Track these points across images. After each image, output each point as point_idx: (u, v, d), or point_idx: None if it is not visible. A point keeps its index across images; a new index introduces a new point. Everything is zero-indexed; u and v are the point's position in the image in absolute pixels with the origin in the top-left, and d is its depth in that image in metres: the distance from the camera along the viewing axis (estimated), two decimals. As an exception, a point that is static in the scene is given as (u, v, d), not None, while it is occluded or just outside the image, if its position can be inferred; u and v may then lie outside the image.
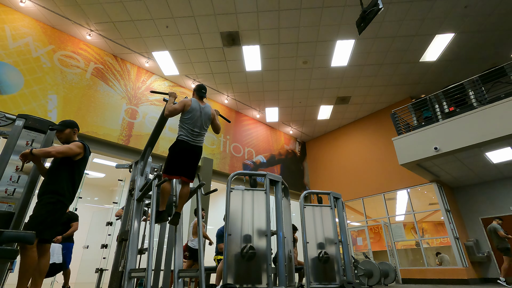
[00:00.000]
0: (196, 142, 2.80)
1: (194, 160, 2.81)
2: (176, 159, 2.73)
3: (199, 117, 2.83)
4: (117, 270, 3.04)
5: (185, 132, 2.76)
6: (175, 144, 2.77)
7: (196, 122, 2.81)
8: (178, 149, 2.73)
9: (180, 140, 2.75)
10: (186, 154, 2.75)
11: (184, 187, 2.84)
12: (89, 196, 10.22)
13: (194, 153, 2.80)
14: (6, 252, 1.89)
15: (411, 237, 9.12)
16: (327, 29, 6.77)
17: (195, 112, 2.81)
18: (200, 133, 2.83)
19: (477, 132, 5.74)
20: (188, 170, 2.78)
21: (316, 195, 5.21)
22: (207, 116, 2.91)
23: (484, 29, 6.84)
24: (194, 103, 2.86)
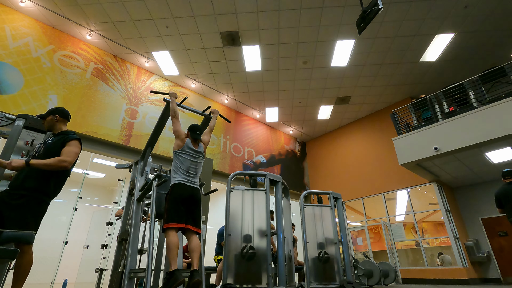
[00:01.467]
0: (193, 184, 2.66)
1: (195, 206, 2.62)
2: (177, 205, 2.48)
3: (194, 158, 2.75)
4: (117, 270, 3.04)
5: (181, 174, 2.62)
6: (172, 190, 2.55)
7: (192, 163, 2.72)
8: (177, 193, 2.52)
9: (177, 183, 2.57)
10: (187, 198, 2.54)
11: (193, 239, 2.47)
12: (89, 196, 10.21)
13: (194, 197, 2.61)
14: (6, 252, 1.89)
15: (411, 237, 9.12)
16: (327, 29, 6.77)
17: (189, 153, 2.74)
18: (195, 175, 2.73)
19: (477, 132, 5.74)
20: (192, 217, 2.55)
21: (316, 195, 5.21)
22: (201, 156, 2.82)
23: (484, 29, 6.84)
24: (188, 144, 2.75)
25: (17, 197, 2.06)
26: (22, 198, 2.06)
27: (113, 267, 3.11)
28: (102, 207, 10.22)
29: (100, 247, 6.30)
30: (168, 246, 2.32)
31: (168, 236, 2.35)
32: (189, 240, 2.49)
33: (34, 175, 2.13)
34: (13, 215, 2.02)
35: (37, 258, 7.25)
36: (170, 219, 2.40)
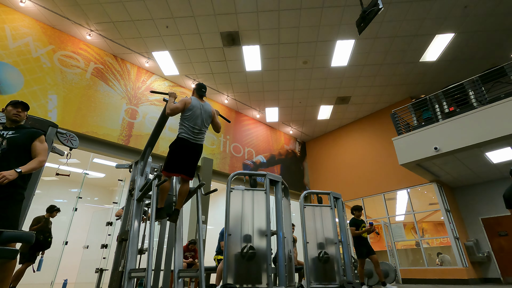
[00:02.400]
0: (196, 140, 2.80)
1: (194, 158, 2.81)
2: (176, 157, 2.72)
3: (199, 114, 2.83)
4: (117, 270, 3.04)
5: (186, 129, 2.76)
6: (176, 142, 2.76)
7: (197, 119, 2.81)
8: (179, 146, 2.73)
9: (181, 137, 2.74)
10: (187, 152, 2.74)
11: (183, 185, 2.83)
12: (89, 196, 10.22)
13: (195, 151, 2.80)
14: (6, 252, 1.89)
15: (411, 237, 9.12)
16: (327, 29, 6.77)
17: (195, 109, 2.82)
18: (200, 131, 2.83)
19: (477, 132, 5.73)
20: (188, 167, 2.77)
21: (316, 195, 5.22)
22: (207, 113, 2.91)
23: (484, 29, 6.84)
24: (194, 101, 2.87)
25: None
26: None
27: (113, 267, 3.11)
28: (102, 207, 10.23)
29: (100, 247, 6.31)
30: (160, 189, 2.73)
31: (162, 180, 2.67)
32: (181, 184, 2.85)
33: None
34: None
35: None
36: (167, 168, 2.72)
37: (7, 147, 2.16)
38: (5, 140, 2.20)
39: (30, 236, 2.03)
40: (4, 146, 2.16)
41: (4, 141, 2.19)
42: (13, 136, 2.23)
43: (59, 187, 9.32)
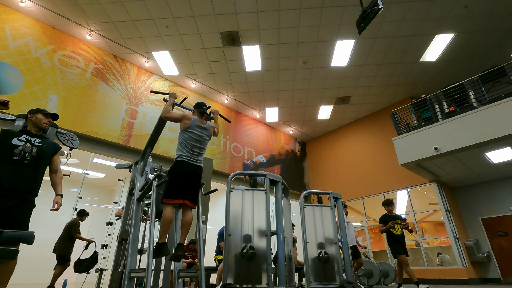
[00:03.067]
0: (197, 162, 2.67)
1: (196, 182, 2.66)
2: (177, 181, 2.53)
3: (199, 136, 2.73)
4: (117, 270, 3.04)
5: (185, 151, 2.63)
6: (175, 165, 2.59)
7: (196, 142, 2.70)
8: (179, 170, 2.56)
9: (180, 160, 2.59)
10: (188, 175, 2.58)
11: (187, 214, 2.60)
12: (89, 196, 10.22)
13: (196, 174, 2.65)
14: (6, 252, 1.89)
15: (411, 237, 9.11)
16: (327, 29, 6.77)
17: (195, 131, 2.72)
18: (200, 153, 2.73)
19: (477, 132, 5.73)
20: (191, 193, 2.60)
21: (316, 195, 5.21)
22: (207, 135, 2.82)
23: (484, 29, 6.84)
24: (195, 121, 2.75)
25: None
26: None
27: (113, 267, 3.11)
28: (102, 207, 10.22)
29: (100, 247, 6.31)
30: (162, 221, 2.44)
31: (164, 211, 2.46)
32: (183, 214, 2.61)
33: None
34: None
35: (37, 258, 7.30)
36: (169, 195, 2.49)
37: (36, 155, 2.20)
38: (35, 148, 2.23)
39: (30, 236, 2.03)
40: (33, 154, 2.19)
41: (34, 149, 2.21)
42: (42, 146, 2.28)
43: (59, 187, 9.31)
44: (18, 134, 2.25)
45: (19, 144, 2.17)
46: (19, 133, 2.28)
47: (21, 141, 2.20)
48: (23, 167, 2.13)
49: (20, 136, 2.23)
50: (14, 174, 2.08)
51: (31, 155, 2.18)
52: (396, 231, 4.80)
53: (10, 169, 2.07)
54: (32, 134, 2.31)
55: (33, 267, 7.63)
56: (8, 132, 2.24)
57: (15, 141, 2.17)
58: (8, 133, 2.22)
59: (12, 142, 2.16)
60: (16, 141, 2.18)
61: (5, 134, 2.20)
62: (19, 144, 2.17)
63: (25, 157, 2.15)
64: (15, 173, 2.08)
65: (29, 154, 2.18)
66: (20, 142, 2.18)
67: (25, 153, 2.16)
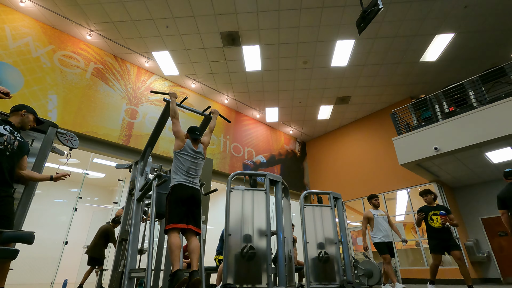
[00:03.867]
0: (194, 185, 2.65)
1: (196, 206, 2.62)
2: (178, 205, 2.47)
3: (194, 159, 2.73)
4: (117, 270, 3.04)
5: (181, 175, 2.61)
6: (173, 191, 2.54)
7: (192, 164, 2.70)
8: (178, 194, 2.52)
9: (178, 184, 2.56)
10: (188, 199, 2.54)
11: (193, 240, 2.48)
12: (89, 196, 10.22)
13: (195, 198, 2.60)
14: (6, 252, 1.89)
15: (411, 237, 9.11)
16: (327, 29, 6.77)
17: (189, 154, 2.72)
18: (196, 176, 2.72)
19: (477, 132, 5.73)
20: (193, 217, 2.54)
21: (316, 195, 5.21)
22: (201, 157, 2.81)
23: (484, 29, 6.84)
24: (188, 145, 2.74)
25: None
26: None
27: (113, 267, 3.11)
28: (102, 207, 10.22)
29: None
30: (170, 248, 2.33)
31: (170, 238, 2.36)
32: (188, 240, 2.50)
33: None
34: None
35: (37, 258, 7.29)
36: (172, 220, 2.41)
37: (16, 149, 2.17)
38: (17, 141, 2.19)
39: (30, 236, 2.03)
40: (15, 147, 2.15)
41: (16, 142, 2.18)
42: (22, 142, 2.25)
43: (59, 187, 9.32)
44: (2, 123, 2.19)
45: (4, 134, 2.12)
46: (3, 122, 2.21)
47: (6, 130, 2.14)
48: (5, 157, 2.07)
49: (4, 125, 2.17)
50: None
51: (12, 148, 2.14)
52: (435, 223, 4.29)
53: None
54: (15, 128, 2.26)
55: (33, 267, 7.64)
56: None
57: (1, 129, 2.12)
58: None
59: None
60: (2, 130, 2.13)
61: None
62: (4, 134, 2.12)
63: (7, 148, 2.10)
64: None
65: (11, 146, 2.13)
66: (5, 132, 2.13)
67: (7, 144, 2.11)
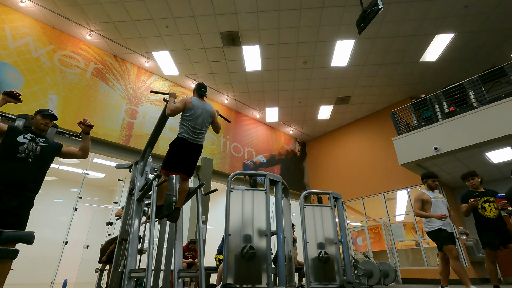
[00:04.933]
0: (197, 141, 2.79)
1: (194, 158, 2.82)
2: (175, 156, 2.73)
3: (200, 114, 2.81)
4: (117, 270, 3.04)
5: (186, 129, 2.74)
6: (175, 141, 2.75)
7: (197, 119, 2.79)
8: (179, 146, 2.72)
9: (181, 137, 2.73)
10: (186, 152, 2.74)
11: (183, 184, 2.84)
12: (89, 196, 10.22)
13: (195, 151, 2.79)
14: (6, 252, 1.89)
15: (411, 237, 9.11)
16: (327, 29, 6.77)
17: (196, 109, 2.80)
18: (201, 131, 2.82)
19: (477, 132, 5.73)
20: (187, 167, 2.79)
21: (316, 195, 5.21)
22: (208, 113, 2.89)
23: (484, 29, 6.84)
24: (195, 101, 2.85)
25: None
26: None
27: (113, 267, 3.11)
28: (102, 207, 10.23)
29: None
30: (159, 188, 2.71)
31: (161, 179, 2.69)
32: (180, 183, 2.87)
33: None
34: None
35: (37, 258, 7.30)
36: (166, 167, 2.73)
37: (39, 154, 2.23)
38: (39, 147, 2.26)
39: (30, 236, 2.03)
40: (37, 153, 2.22)
41: (37, 148, 2.24)
42: (45, 146, 2.30)
43: (59, 187, 9.33)
44: (23, 132, 2.28)
45: (24, 142, 2.19)
46: (25, 131, 2.30)
47: (26, 139, 2.22)
48: (27, 164, 2.14)
49: (25, 134, 2.26)
50: (17, 171, 2.09)
51: (34, 154, 2.20)
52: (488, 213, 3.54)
53: (14, 166, 2.09)
54: (37, 134, 2.34)
55: (33, 267, 7.64)
56: (15, 129, 2.26)
57: (20, 139, 2.19)
58: (15, 130, 2.24)
59: (17, 139, 2.18)
60: (22, 139, 2.20)
61: (12, 131, 2.22)
62: (24, 142, 2.19)
63: (29, 155, 2.17)
64: (19, 171, 2.09)
65: (33, 152, 2.20)
66: (25, 140, 2.21)
67: (29, 151, 2.18)
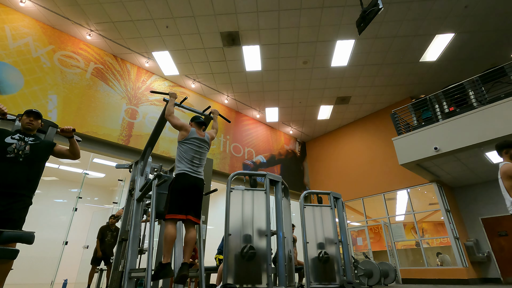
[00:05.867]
0: (197, 174, 2.62)
1: (198, 196, 2.59)
2: (180, 195, 2.45)
3: (198, 148, 2.71)
4: (117, 270, 3.04)
5: (185, 164, 2.58)
6: (177, 179, 2.52)
7: (196, 153, 2.68)
8: (181, 183, 2.49)
9: (181, 173, 2.53)
10: (190, 189, 2.51)
11: (190, 231, 2.47)
12: (89, 196, 10.22)
13: (198, 187, 2.58)
14: (6, 252, 1.89)
15: (411, 237, 9.11)
16: (327, 29, 6.77)
17: (193, 142, 2.69)
18: (200, 165, 2.70)
19: (477, 132, 5.73)
20: (194, 207, 2.51)
21: (316, 195, 5.21)
22: (206, 146, 2.81)
23: (484, 29, 6.84)
24: (193, 133, 2.73)
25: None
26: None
27: (113, 267, 3.11)
28: (102, 207, 10.22)
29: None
30: (165, 238, 2.33)
31: (167, 228, 2.36)
32: (187, 231, 2.48)
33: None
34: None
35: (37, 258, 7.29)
36: (172, 210, 2.39)
37: (29, 153, 2.23)
38: (28, 145, 2.25)
39: (30, 236, 2.03)
40: (27, 152, 2.22)
41: (27, 146, 2.24)
42: (35, 143, 2.30)
43: (59, 187, 9.33)
44: (12, 133, 2.28)
45: (12, 142, 2.19)
46: (14, 132, 2.30)
47: (15, 139, 2.22)
48: (17, 164, 2.14)
49: (13, 135, 2.26)
50: (8, 171, 2.09)
51: (24, 153, 2.20)
52: None
53: (4, 167, 2.09)
54: (25, 134, 2.33)
55: (33, 267, 7.64)
56: (2, 131, 2.25)
57: (8, 140, 2.19)
58: (2, 132, 2.24)
59: (5, 140, 2.18)
60: (9, 139, 2.21)
61: (0, 133, 2.22)
62: (12, 142, 2.19)
63: (19, 155, 2.17)
64: (9, 171, 2.09)
65: (22, 151, 2.19)
66: (13, 140, 2.21)
67: (18, 151, 2.18)
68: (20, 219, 2.11)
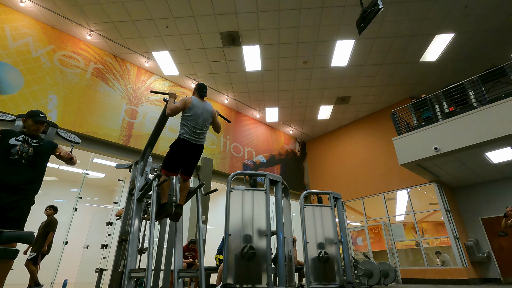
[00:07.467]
0: (198, 141, 2.77)
1: (194, 159, 2.82)
2: (176, 157, 2.72)
3: (201, 114, 2.79)
4: (117, 270, 3.04)
5: (187, 130, 2.71)
6: (176, 142, 2.73)
7: (198, 119, 2.76)
8: (180, 147, 2.71)
9: (182, 138, 2.71)
10: (187, 153, 2.73)
11: (184, 182, 2.88)
12: (89, 196, 10.22)
13: (196, 151, 2.78)
14: (6, 252, 1.89)
15: (411, 237, 9.11)
16: (327, 29, 6.77)
17: (196, 109, 2.78)
18: (202, 131, 2.79)
19: (477, 132, 5.74)
20: (187, 168, 2.81)
21: (316, 195, 5.21)
22: (208, 113, 2.87)
23: (484, 29, 6.84)
24: (195, 100, 2.83)
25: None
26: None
27: (113, 267, 3.11)
28: (102, 207, 10.23)
29: (100, 247, 6.31)
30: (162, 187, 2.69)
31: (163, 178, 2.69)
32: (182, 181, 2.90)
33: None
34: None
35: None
36: (167, 167, 2.73)
37: (33, 154, 2.26)
38: (32, 147, 2.29)
39: (30, 236, 2.03)
40: (30, 154, 2.26)
41: (30, 148, 2.28)
42: (39, 145, 2.34)
43: (59, 187, 9.32)
44: (17, 134, 2.30)
45: (17, 144, 2.22)
46: (19, 133, 2.33)
47: (19, 141, 2.25)
48: (21, 166, 2.17)
49: (18, 136, 2.28)
50: (11, 173, 2.12)
51: (27, 155, 2.24)
52: None
53: (8, 168, 2.12)
54: (30, 135, 2.36)
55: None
56: (8, 131, 2.29)
57: (12, 141, 2.22)
58: (8, 133, 2.27)
59: (10, 142, 2.21)
60: (14, 141, 2.23)
61: (5, 134, 2.26)
62: (17, 144, 2.22)
63: (22, 157, 2.21)
64: (12, 172, 2.12)
65: (26, 154, 2.23)
66: (18, 142, 2.24)
67: (22, 153, 2.21)
68: (22, 219, 2.12)
